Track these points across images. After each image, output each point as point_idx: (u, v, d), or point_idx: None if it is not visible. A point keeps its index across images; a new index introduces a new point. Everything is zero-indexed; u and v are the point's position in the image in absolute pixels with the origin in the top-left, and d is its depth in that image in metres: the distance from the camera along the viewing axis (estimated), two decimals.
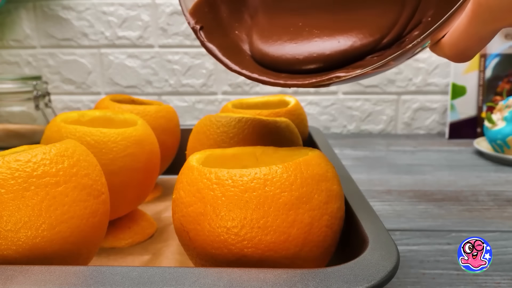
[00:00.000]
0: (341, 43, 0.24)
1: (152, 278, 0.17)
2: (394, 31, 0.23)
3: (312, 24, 0.25)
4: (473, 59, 0.74)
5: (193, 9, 0.27)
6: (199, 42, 0.27)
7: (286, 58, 0.25)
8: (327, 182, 0.22)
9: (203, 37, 0.26)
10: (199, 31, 0.26)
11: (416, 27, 0.23)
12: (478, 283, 0.29)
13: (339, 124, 0.83)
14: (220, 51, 0.26)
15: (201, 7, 0.27)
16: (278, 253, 0.20)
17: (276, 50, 0.25)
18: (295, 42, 0.25)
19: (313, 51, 0.24)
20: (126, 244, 0.33)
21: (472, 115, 0.76)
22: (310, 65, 0.24)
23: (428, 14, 0.22)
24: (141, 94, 0.83)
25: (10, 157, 0.20)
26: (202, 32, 0.26)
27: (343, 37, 0.24)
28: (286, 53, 0.25)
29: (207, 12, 0.27)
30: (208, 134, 0.31)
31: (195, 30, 0.26)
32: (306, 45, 0.25)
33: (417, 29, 0.23)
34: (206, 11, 0.27)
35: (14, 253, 0.19)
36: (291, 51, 0.25)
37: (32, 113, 0.66)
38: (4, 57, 0.83)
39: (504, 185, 0.49)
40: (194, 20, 0.27)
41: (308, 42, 0.25)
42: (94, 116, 0.34)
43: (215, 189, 0.20)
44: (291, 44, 0.25)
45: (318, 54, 0.24)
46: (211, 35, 0.27)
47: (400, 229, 0.38)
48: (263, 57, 0.26)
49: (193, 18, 0.27)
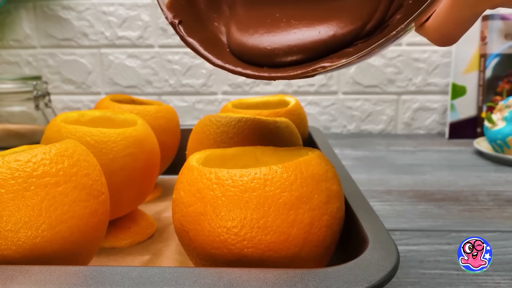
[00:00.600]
0: (321, 33, 0.23)
1: (152, 278, 0.17)
2: (376, 17, 0.23)
3: (290, 14, 0.25)
4: (473, 59, 0.74)
5: (170, 3, 0.26)
6: (178, 36, 0.26)
7: (266, 52, 0.24)
8: (327, 182, 0.22)
9: (182, 32, 0.26)
10: (178, 26, 0.26)
11: (398, 11, 0.22)
12: (478, 283, 0.29)
13: (339, 124, 0.83)
14: (201, 46, 0.26)
15: (178, 0, 0.26)
16: (278, 253, 0.20)
17: (255, 44, 0.25)
18: (274, 35, 0.25)
19: (294, 43, 0.24)
20: (126, 244, 0.33)
21: (472, 115, 0.76)
22: (292, 57, 0.24)
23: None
24: (141, 94, 0.83)
25: (10, 157, 0.20)
26: (181, 26, 0.26)
27: (323, 26, 0.23)
28: (265, 46, 0.24)
29: (185, 5, 0.26)
30: (208, 134, 0.31)
31: (173, 24, 0.26)
32: (285, 37, 0.24)
33: (399, 12, 0.22)
34: (183, 3, 0.26)
35: (14, 253, 0.19)
36: (271, 44, 0.24)
37: (32, 113, 0.66)
38: (4, 57, 0.83)
39: (504, 185, 0.49)
40: (171, 14, 0.26)
41: (288, 34, 0.24)
42: (94, 116, 0.34)
43: (215, 189, 0.20)
44: (270, 37, 0.25)
45: (299, 46, 0.24)
46: (191, 29, 0.26)
47: (400, 229, 0.38)
48: (241, 51, 0.25)
49: (170, 12, 0.26)
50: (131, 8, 0.79)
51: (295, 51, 0.24)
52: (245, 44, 0.25)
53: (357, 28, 0.23)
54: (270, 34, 0.25)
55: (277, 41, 0.24)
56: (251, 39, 0.25)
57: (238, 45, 0.25)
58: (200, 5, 0.27)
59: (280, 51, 0.24)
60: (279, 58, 0.24)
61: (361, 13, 0.23)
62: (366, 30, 0.23)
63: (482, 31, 0.73)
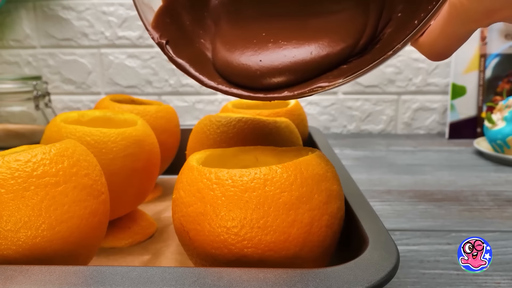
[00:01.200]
0: (314, 53, 0.22)
1: (152, 278, 0.17)
2: (367, 33, 0.22)
3: (276, 33, 0.24)
4: (473, 59, 0.74)
5: (154, 22, 0.25)
6: (166, 57, 0.25)
7: (256, 75, 0.23)
8: (327, 182, 0.22)
9: (171, 53, 0.24)
10: (166, 46, 0.24)
11: (388, 24, 0.22)
12: (478, 283, 0.29)
13: (339, 124, 0.83)
14: (191, 66, 0.25)
15: (162, 17, 0.25)
16: (278, 253, 0.20)
17: (243, 68, 0.23)
18: (264, 57, 0.23)
19: (285, 66, 0.23)
20: (126, 244, 0.33)
21: (472, 115, 0.76)
22: (284, 79, 0.23)
23: (397, 10, 0.22)
24: (141, 94, 0.83)
25: (10, 157, 0.20)
26: (168, 46, 0.24)
27: (315, 46, 0.23)
28: (255, 70, 0.23)
29: (169, 23, 0.25)
30: (208, 134, 0.31)
31: (161, 45, 0.24)
32: (275, 59, 0.23)
33: (389, 26, 0.22)
34: (168, 21, 0.25)
35: (14, 253, 0.19)
36: (261, 68, 0.23)
37: (32, 113, 0.66)
38: (4, 57, 0.83)
39: (504, 185, 0.49)
40: (158, 34, 0.24)
41: (277, 55, 0.23)
42: (94, 116, 0.34)
43: (215, 189, 0.20)
44: (259, 59, 0.23)
45: (291, 68, 0.23)
46: (178, 48, 0.25)
47: (400, 229, 0.38)
48: (229, 73, 0.24)
49: (156, 32, 0.25)
50: (131, 8, 0.79)
51: (287, 74, 0.23)
52: (232, 66, 0.24)
53: (349, 46, 0.22)
54: (259, 56, 0.23)
55: (267, 63, 0.23)
56: (238, 62, 0.24)
57: (225, 67, 0.24)
58: (185, 21, 0.26)
59: (270, 74, 0.23)
60: (269, 82, 0.23)
61: (350, 30, 0.22)
62: (359, 46, 0.22)
63: (482, 31, 0.73)
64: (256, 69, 0.23)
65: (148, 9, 0.25)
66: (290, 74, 0.23)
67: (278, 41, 0.24)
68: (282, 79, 0.23)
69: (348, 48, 0.22)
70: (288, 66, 0.23)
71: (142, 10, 0.24)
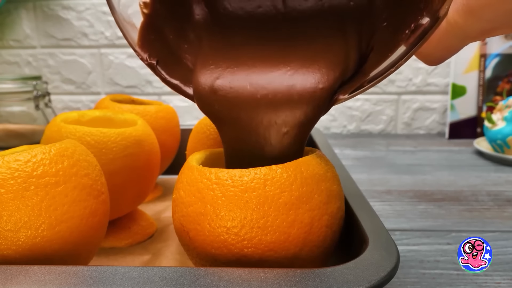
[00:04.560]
0: (308, 86, 0.22)
1: (152, 278, 0.17)
2: (353, 57, 0.22)
3: (262, 65, 0.22)
4: (473, 59, 0.74)
5: (140, 41, 0.23)
6: (159, 79, 0.23)
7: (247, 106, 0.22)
8: (327, 182, 0.22)
9: (163, 74, 0.23)
10: (157, 67, 0.23)
11: (373, 38, 0.21)
12: (478, 283, 0.29)
13: (339, 124, 0.83)
14: (185, 86, 0.23)
15: (147, 35, 0.24)
16: (278, 253, 0.20)
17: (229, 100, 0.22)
18: (251, 88, 0.22)
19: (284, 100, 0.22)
20: (126, 244, 0.33)
21: (472, 115, 0.76)
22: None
23: (382, 17, 0.21)
24: (141, 94, 0.83)
25: (10, 157, 0.20)
26: (159, 67, 0.23)
27: (306, 79, 0.22)
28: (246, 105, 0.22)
29: (154, 40, 0.24)
30: (208, 134, 0.31)
31: (152, 66, 0.23)
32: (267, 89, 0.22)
33: (375, 39, 0.21)
34: (152, 38, 0.24)
35: (14, 253, 0.19)
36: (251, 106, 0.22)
37: (32, 113, 0.66)
38: (4, 57, 0.83)
39: (504, 185, 0.49)
40: (146, 54, 0.23)
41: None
42: (94, 116, 0.34)
43: (215, 189, 0.20)
44: (249, 93, 0.22)
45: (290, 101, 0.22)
46: (169, 67, 0.24)
47: (400, 229, 0.38)
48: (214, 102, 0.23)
49: (144, 52, 0.23)
50: None
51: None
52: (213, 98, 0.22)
53: (342, 71, 0.21)
54: (246, 90, 0.22)
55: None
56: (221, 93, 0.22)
57: (206, 95, 0.23)
58: (169, 36, 0.24)
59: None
60: None
61: (335, 60, 0.22)
62: (350, 72, 0.22)
63: None
64: (247, 103, 0.22)
65: (131, 26, 0.24)
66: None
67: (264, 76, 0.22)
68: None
69: (341, 75, 0.22)
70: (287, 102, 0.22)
71: (125, 29, 0.23)
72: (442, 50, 0.20)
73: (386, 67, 0.20)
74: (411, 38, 0.19)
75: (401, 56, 0.19)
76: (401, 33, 0.19)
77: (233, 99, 0.22)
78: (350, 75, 0.22)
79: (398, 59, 0.19)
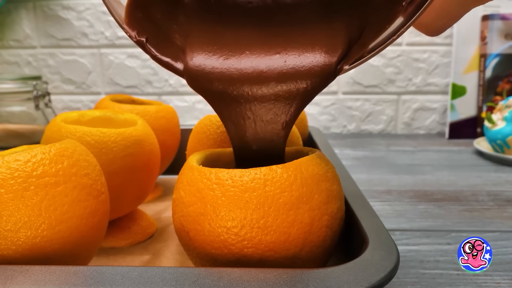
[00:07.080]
0: (313, 61, 0.22)
1: (152, 278, 0.17)
2: (352, 30, 0.21)
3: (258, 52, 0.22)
4: (473, 59, 0.74)
5: (127, 18, 0.22)
6: (149, 56, 0.23)
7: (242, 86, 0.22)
8: (327, 182, 0.22)
9: (154, 51, 0.23)
10: (146, 44, 0.23)
11: (369, 9, 0.21)
12: (478, 283, 0.29)
13: (339, 124, 0.83)
14: (177, 62, 0.23)
15: (134, 12, 0.23)
16: (278, 253, 0.20)
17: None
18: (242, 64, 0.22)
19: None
20: (126, 244, 0.33)
21: (472, 115, 0.76)
22: None
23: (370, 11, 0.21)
24: (141, 94, 0.83)
25: (10, 157, 0.20)
26: (149, 44, 0.23)
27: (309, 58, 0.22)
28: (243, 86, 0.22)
29: (142, 18, 0.23)
30: (208, 134, 0.31)
31: (141, 43, 0.22)
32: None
33: (372, 8, 0.21)
34: (140, 16, 0.23)
35: (14, 253, 0.19)
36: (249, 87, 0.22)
37: (32, 113, 0.66)
38: (4, 57, 0.83)
39: (504, 185, 0.49)
40: (134, 31, 0.22)
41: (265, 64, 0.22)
42: (94, 116, 0.34)
43: (215, 189, 0.20)
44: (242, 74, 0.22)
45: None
46: (159, 46, 0.23)
47: (400, 229, 0.38)
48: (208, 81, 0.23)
49: (132, 29, 0.22)
50: None
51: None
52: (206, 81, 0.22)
53: (343, 51, 0.21)
54: (241, 69, 0.22)
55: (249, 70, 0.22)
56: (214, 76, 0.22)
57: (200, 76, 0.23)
58: (157, 15, 0.23)
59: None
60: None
61: (333, 31, 0.21)
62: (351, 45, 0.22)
63: (482, 31, 0.73)
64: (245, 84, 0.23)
65: (117, 3, 0.23)
66: None
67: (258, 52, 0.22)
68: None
69: (342, 52, 0.22)
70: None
71: (111, 5, 0.22)
72: (443, 18, 0.20)
73: (386, 37, 0.19)
74: (409, 8, 0.18)
75: (401, 26, 0.19)
76: (398, 5, 0.19)
77: (229, 79, 0.22)
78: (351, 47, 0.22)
79: (398, 28, 0.19)
